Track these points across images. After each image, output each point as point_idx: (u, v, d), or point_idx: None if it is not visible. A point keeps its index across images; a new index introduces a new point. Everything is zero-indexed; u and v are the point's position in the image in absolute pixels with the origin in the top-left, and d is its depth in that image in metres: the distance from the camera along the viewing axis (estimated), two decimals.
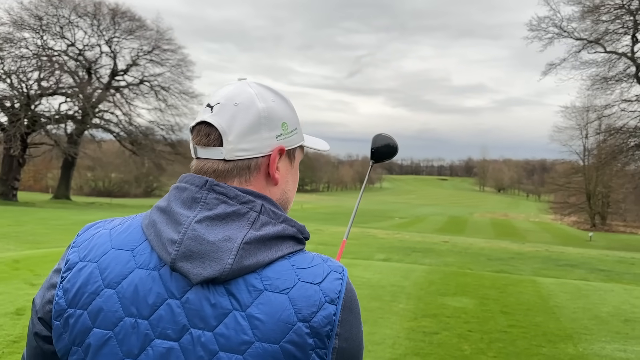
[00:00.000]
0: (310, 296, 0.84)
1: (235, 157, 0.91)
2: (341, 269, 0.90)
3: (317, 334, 0.83)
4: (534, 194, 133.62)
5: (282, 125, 0.96)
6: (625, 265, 14.78)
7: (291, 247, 0.89)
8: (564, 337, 5.76)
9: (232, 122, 0.91)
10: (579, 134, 49.08)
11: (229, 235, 0.85)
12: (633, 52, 29.59)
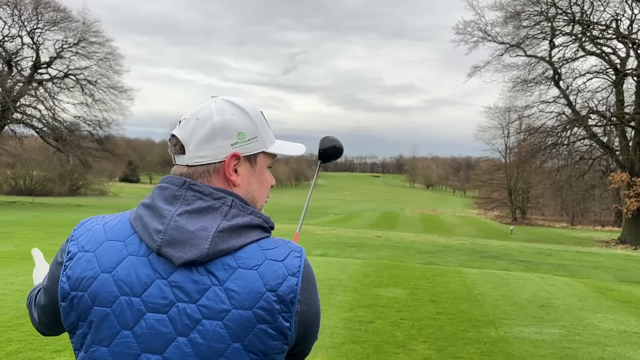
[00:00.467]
0: (275, 271, 1.03)
1: (195, 163, 1.11)
2: (300, 249, 1.10)
3: (282, 300, 1.02)
4: (460, 190, 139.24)
5: (238, 134, 1.12)
6: (542, 256, 15.94)
7: (259, 234, 1.08)
8: (487, 322, 6.25)
9: (191, 134, 1.11)
10: (501, 133, 51.96)
11: (205, 225, 1.03)
12: (551, 56, 31.64)
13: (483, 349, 5.21)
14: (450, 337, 5.60)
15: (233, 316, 1.00)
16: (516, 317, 6.52)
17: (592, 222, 47.25)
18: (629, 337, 5.93)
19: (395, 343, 5.33)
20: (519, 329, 6.01)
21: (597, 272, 13.21)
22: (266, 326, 1.01)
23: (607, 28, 30.29)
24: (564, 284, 9.06)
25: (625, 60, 30.28)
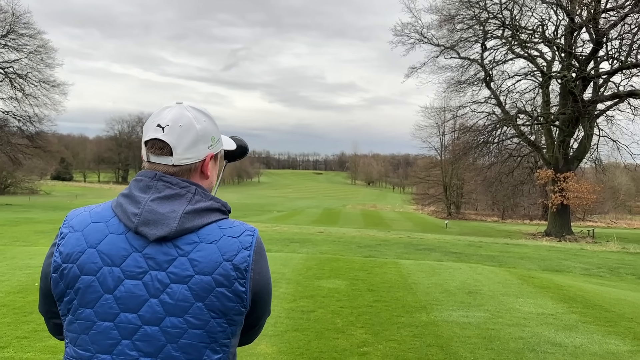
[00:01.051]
0: (231, 245, 1.30)
1: (181, 163, 1.35)
2: (253, 229, 1.37)
3: (237, 268, 1.28)
4: (399, 186, 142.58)
5: (211, 138, 1.39)
6: (473, 248, 16.92)
7: (218, 216, 1.35)
8: (419, 308, 6.74)
9: (179, 140, 1.33)
10: (436, 131, 54.05)
11: (174, 208, 1.29)
12: (482, 58, 33.22)
13: (415, 332, 5.66)
14: (386, 322, 6.02)
15: (196, 280, 1.25)
16: (446, 303, 7.05)
17: (521, 216, 50.02)
18: (546, 318, 6.58)
19: (335, 329, 5.69)
20: (448, 313, 6.54)
21: (522, 262, 14.22)
22: (224, 289, 1.26)
23: (534, 32, 32.17)
24: (491, 273, 9.79)
25: (551, 63, 32.29)
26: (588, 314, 6.86)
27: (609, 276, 13.10)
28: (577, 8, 29.62)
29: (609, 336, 5.82)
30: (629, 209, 75.41)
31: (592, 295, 8.31)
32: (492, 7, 31.92)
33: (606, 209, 62.10)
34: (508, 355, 5.02)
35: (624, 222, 56.29)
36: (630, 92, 30.10)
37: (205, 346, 1.27)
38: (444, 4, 32.17)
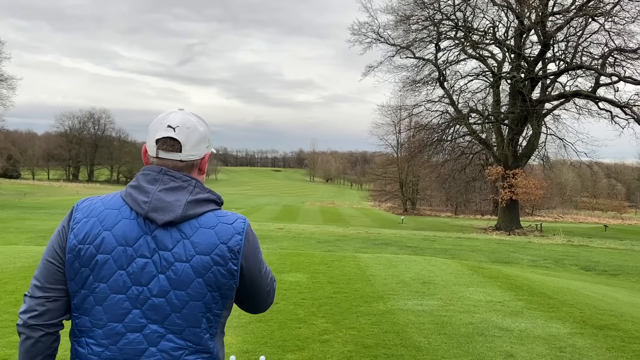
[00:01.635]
0: (226, 230, 1.53)
1: (187, 159, 1.58)
2: (244, 218, 1.61)
3: (231, 250, 1.52)
4: (357, 183, 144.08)
5: (208, 140, 1.65)
6: (428, 242, 17.52)
7: (214, 206, 1.58)
8: (377, 298, 7.07)
9: (187, 139, 1.57)
10: (393, 129, 55.10)
11: (178, 198, 1.52)
12: (437, 58, 34.17)
13: (373, 320, 5.97)
14: (345, 311, 6.31)
15: (197, 260, 1.48)
16: (402, 293, 7.42)
17: (473, 212, 51.70)
18: (494, 305, 7.03)
19: (297, 319, 5.93)
20: (404, 302, 6.89)
21: (474, 254, 14.87)
22: (220, 268, 1.50)
23: (485, 34, 33.33)
24: (444, 264, 10.27)
25: (501, 63, 33.54)
26: (533, 301, 7.37)
27: (554, 267, 13.90)
28: (525, 11, 30.90)
29: (551, 320, 6.30)
30: (575, 204, 79.09)
31: (537, 284, 8.88)
32: (445, 8, 32.89)
33: (553, 204, 64.98)
34: (459, 339, 5.39)
35: (570, 216, 59.08)
36: (575, 92, 31.68)
37: (202, 315, 1.49)
38: (399, 5, 32.94)
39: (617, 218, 59.58)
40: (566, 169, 59.47)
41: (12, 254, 10.00)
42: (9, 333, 5.16)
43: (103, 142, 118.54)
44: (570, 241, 21.67)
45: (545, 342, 5.40)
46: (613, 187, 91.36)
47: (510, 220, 32.34)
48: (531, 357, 4.92)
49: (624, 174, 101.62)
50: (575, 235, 27.67)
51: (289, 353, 4.82)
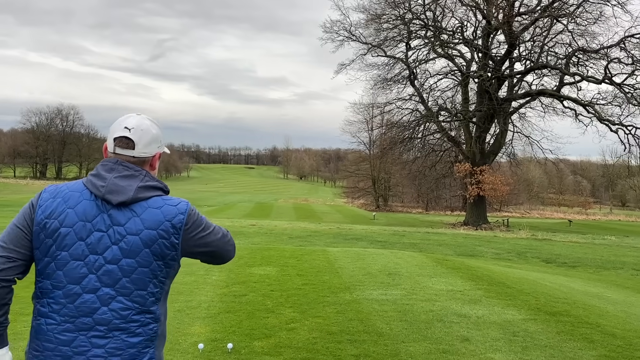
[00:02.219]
0: (171, 210, 1.85)
1: (139, 156, 1.90)
2: (187, 202, 1.92)
3: (174, 226, 1.83)
4: (330, 180, 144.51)
5: (160, 141, 1.97)
6: (397, 237, 17.91)
7: (161, 192, 1.90)
8: (344, 289, 7.32)
9: (140, 139, 1.89)
10: (365, 127, 55.59)
11: (130, 183, 1.83)
12: (407, 57, 34.63)
13: (339, 309, 6.21)
14: (313, 301, 6.54)
15: (145, 233, 1.79)
16: (367, 284, 7.69)
17: (444, 208, 52.64)
18: (454, 294, 7.36)
19: (266, 310, 6.13)
20: (369, 292, 7.16)
21: (441, 248, 15.30)
22: (164, 241, 1.80)
23: (454, 34, 33.96)
24: (409, 257, 10.60)
25: (470, 62, 34.24)
26: (492, 290, 7.73)
27: (516, 259, 14.42)
28: (493, 11, 31.63)
29: (507, 308, 6.65)
30: (542, 200, 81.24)
31: (497, 275, 9.28)
32: (415, 7, 33.36)
33: (521, 200, 66.60)
34: (419, 326, 5.68)
35: (536, 212, 60.67)
36: (540, 91, 32.61)
37: (149, 280, 1.80)
38: (370, 3, 33.26)
39: (582, 214, 61.43)
40: (533, 166, 60.93)
41: None
42: None
43: (71, 139, 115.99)
44: (534, 235, 22.40)
45: (500, 327, 5.73)
46: (579, 183, 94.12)
47: (477, 215, 33.12)
48: (485, 341, 5.23)
49: (590, 170, 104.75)
50: (540, 230, 28.57)
51: (256, 341, 5.01)
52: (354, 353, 4.74)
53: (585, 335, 5.56)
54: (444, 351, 4.88)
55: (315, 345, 4.90)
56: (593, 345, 5.23)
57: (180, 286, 7.17)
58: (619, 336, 5.61)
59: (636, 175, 67.09)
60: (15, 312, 5.70)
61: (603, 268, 13.47)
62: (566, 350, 5.06)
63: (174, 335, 5.09)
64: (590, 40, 30.45)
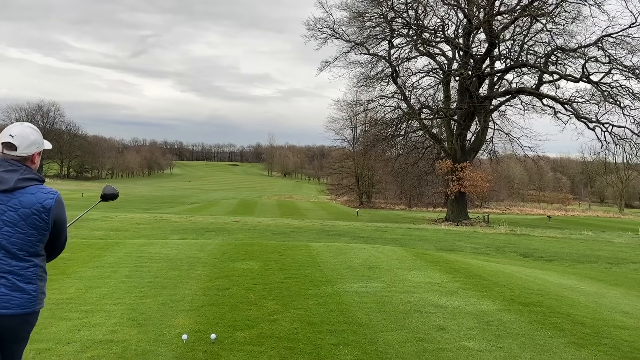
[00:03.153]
0: (42, 195, 2.69)
1: (21, 155, 2.70)
2: (55, 191, 2.76)
3: (44, 207, 2.66)
4: (314, 177, 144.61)
5: (39, 143, 2.78)
6: (379, 232, 18.14)
7: (37, 182, 2.71)
8: (325, 282, 7.48)
9: (21, 142, 2.69)
10: (349, 124, 55.91)
11: (12, 176, 2.64)
12: (390, 55, 34.90)
13: (320, 301, 6.38)
14: (295, 294, 6.69)
15: (22, 210, 2.63)
16: (348, 277, 7.86)
17: (426, 204, 53.15)
18: (432, 286, 7.57)
19: (248, 302, 6.26)
20: (350, 285, 7.34)
21: (422, 243, 15.55)
22: (36, 217, 2.64)
23: (435, 32, 34.31)
24: (390, 251, 10.81)
25: (452, 60, 34.63)
26: (468, 282, 7.96)
27: (495, 254, 14.74)
28: (474, 10, 32.04)
29: (483, 299, 6.88)
30: (522, 196, 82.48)
31: (474, 268, 9.53)
32: (398, 6, 33.62)
33: (502, 197, 67.55)
34: (397, 316, 5.86)
35: (517, 208, 61.61)
36: (520, 89, 33.16)
37: (24, 244, 2.64)
38: (353, 2, 33.48)
39: (561, 210, 62.58)
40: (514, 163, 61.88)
41: None
42: None
43: (52, 136, 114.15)
44: (513, 231, 22.84)
45: (475, 317, 5.94)
46: (558, 180, 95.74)
47: (458, 212, 33.58)
48: (460, 330, 5.44)
49: (569, 167, 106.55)
50: (520, 226, 29.09)
51: (238, 331, 5.15)
52: (333, 342, 4.91)
53: (556, 324, 5.80)
54: (420, 339, 5.07)
55: (297, 335, 5.06)
56: (563, 333, 5.47)
57: (164, 280, 7.27)
58: (588, 325, 5.87)
59: (614, 172, 68.50)
60: None
61: (578, 262, 13.85)
62: (537, 338, 5.29)
63: (158, 327, 5.20)
64: (569, 39, 31.10)
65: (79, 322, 5.29)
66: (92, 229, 16.06)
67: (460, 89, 33.86)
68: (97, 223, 18.35)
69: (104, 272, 7.77)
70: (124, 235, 14.59)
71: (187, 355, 4.45)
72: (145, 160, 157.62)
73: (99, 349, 4.53)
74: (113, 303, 6.06)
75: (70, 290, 6.61)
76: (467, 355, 4.71)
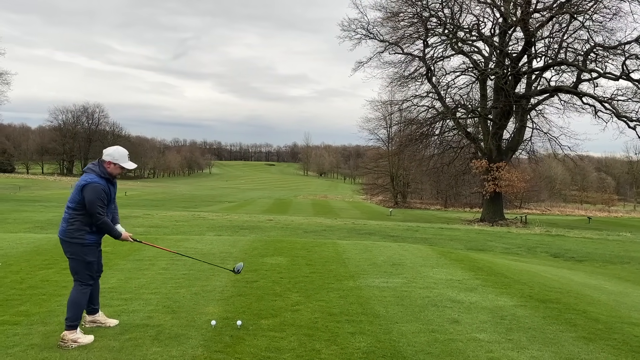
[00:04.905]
0: (83, 178, 4.85)
1: (102, 159, 5.04)
2: (93, 177, 4.82)
3: (79, 185, 4.81)
4: (350, 177, 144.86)
5: (109, 155, 5.00)
6: (410, 232, 18.30)
7: (91, 172, 4.92)
8: (348, 277, 7.83)
9: (105, 154, 5.00)
10: (384, 123, 55.88)
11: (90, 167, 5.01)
12: (424, 54, 34.80)
13: (341, 294, 6.73)
14: (318, 288, 7.07)
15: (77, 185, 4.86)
16: (371, 273, 8.19)
17: (463, 205, 52.56)
18: (452, 283, 7.81)
19: (274, 294, 6.68)
20: (371, 280, 7.66)
21: (451, 242, 15.65)
22: (77, 191, 4.77)
23: (470, 31, 34.00)
24: (415, 249, 11.05)
25: (488, 59, 34.26)
26: (489, 279, 8.15)
27: (525, 254, 14.71)
28: (510, 8, 31.61)
29: (501, 295, 7.08)
30: (564, 197, 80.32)
31: (498, 267, 9.67)
32: (433, 5, 33.49)
33: (542, 197, 66.05)
34: (414, 309, 6.16)
35: (557, 209, 60.15)
36: (557, 88, 32.51)
37: (73, 200, 4.81)
38: (388, 2, 33.51)
39: (604, 211, 60.70)
40: (555, 163, 60.40)
41: (14, 240, 10.70)
42: (17, 304, 5.89)
43: (97, 136, 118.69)
44: (548, 231, 22.53)
45: (490, 312, 6.17)
46: (603, 180, 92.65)
47: (494, 212, 33.19)
48: (473, 323, 5.69)
49: (614, 167, 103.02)
50: (557, 227, 28.57)
51: (263, 319, 5.56)
52: (350, 331, 5.26)
53: (570, 319, 5.97)
54: (432, 330, 5.36)
55: (316, 324, 5.43)
56: (575, 328, 5.65)
57: (198, 273, 7.78)
58: (602, 321, 6.01)
59: None
60: (49, 294, 6.37)
61: (610, 262, 13.69)
62: (548, 332, 5.49)
63: (190, 314, 5.68)
64: (609, 36, 30.27)
65: (119, 308, 5.83)
66: (134, 226, 16.89)
67: (495, 87, 33.45)
68: (139, 220, 19.23)
69: (142, 264, 8.36)
70: (163, 232, 15.31)
71: (214, 338, 4.89)
72: (186, 160, 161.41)
73: (137, 332, 5.03)
74: (150, 292, 6.59)
75: (112, 280, 7.20)
76: (476, 345, 4.97)
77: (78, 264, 4.79)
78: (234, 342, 4.80)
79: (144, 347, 4.64)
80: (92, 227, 4.81)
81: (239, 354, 4.53)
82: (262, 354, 4.53)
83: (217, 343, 4.76)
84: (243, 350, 4.62)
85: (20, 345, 4.61)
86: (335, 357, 4.54)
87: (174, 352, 4.52)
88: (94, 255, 4.89)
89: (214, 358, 4.41)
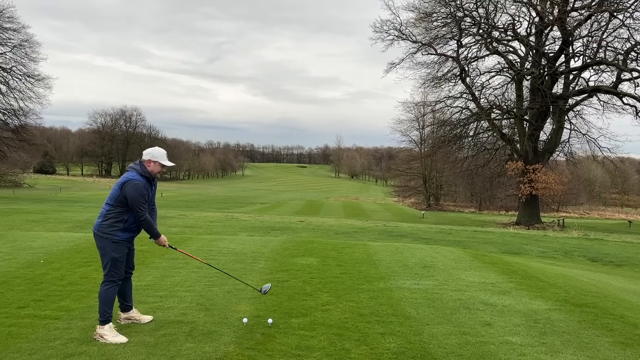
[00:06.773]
0: (124, 176, 5.06)
1: (142, 159, 5.25)
2: (134, 175, 5.01)
3: (119, 183, 5.00)
4: (381, 179, 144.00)
5: (147, 153, 5.22)
6: (443, 235, 18.09)
7: (132, 170, 5.14)
8: (379, 278, 7.82)
9: (144, 153, 5.24)
10: (416, 125, 55.38)
11: (132, 166, 5.21)
12: (458, 54, 34.35)
13: (371, 295, 6.74)
14: (348, 288, 7.09)
15: (117, 182, 4.99)
16: (402, 274, 8.15)
17: (498, 207, 51.58)
18: (485, 286, 7.70)
19: (304, 294, 6.73)
20: (402, 281, 7.63)
21: (485, 246, 15.41)
22: (117, 188, 4.94)
23: (506, 31, 33.39)
24: (448, 252, 10.93)
25: (524, 59, 33.55)
26: (523, 283, 8.00)
27: (562, 258, 14.36)
28: (546, 6, 30.89)
29: (535, 299, 6.94)
30: (603, 200, 77.85)
31: (533, 270, 9.47)
32: (467, 5, 33.04)
33: (581, 200, 64.19)
34: (445, 311, 6.11)
35: (596, 212, 58.36)
36: (596, 88, 31.57)
37: (112, 197, 4.98)
38: (420, 2, 33.24)
39: None
40: (594, 165, 58.67)
41: (55, 239, 11.10)
42: (58, 299, 6.12)
43: (134, 139, 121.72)
44: (586, 235, 21.90)
45: (524, 315, 6.07)
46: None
47: (530, 215, 32.45)
48: (506, 326, 5.61)
49: None
50: (596, 230, 27.75)
51: (293, 318, 5.63)
52: (380, 331, 5.26)
53: (606, 324, 5.82)
54: (464, 333, 5.31)
55: (346, 324, 5.46)
56: (611, 333, 5.50)
57: (231, 271, 7.90)
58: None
59: None
60: (88, 290, 6.59)
61: None
62: (583, 336, 5.37)
63: (222, 311, 5.79)
64: None
65: (155, 305, 5.99)
66: (170, 226, 17.27)
67: (531, 88, 32.73)
68: (174, 220, 19.65)
69: (177, 263, 8.55)
70: (197, 232, 15.61)
71: (246, 336, 4.98)
72: (219, 162, 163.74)
73: (171, 328, 5.17)
74: (184, 290, 6.74)
75: (148, 278, 7.39)
76: (508, 348, 4.90)
77: (105, 259, 4.92)
78: (265, 340, 4.87)
79: (178, 343, 4.76)
80: (125, 224, 4.94)
81: (270, 351, 4.60)
82: (292, 352, 4.59)
83: (249, 340, 4.85)
84: (274, 347, 4.69)
85: (61, 339, 4.80)
86: (365, 357, 4.56)
87: (206, 348, 4.63)
88: (121, 253, 4.97)
89: (246, 355, 4.50)
